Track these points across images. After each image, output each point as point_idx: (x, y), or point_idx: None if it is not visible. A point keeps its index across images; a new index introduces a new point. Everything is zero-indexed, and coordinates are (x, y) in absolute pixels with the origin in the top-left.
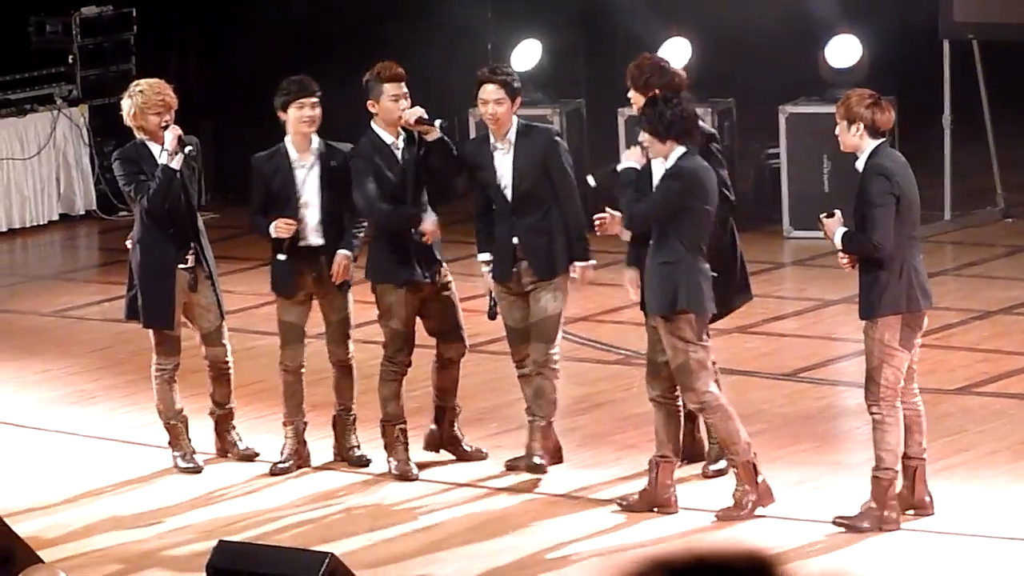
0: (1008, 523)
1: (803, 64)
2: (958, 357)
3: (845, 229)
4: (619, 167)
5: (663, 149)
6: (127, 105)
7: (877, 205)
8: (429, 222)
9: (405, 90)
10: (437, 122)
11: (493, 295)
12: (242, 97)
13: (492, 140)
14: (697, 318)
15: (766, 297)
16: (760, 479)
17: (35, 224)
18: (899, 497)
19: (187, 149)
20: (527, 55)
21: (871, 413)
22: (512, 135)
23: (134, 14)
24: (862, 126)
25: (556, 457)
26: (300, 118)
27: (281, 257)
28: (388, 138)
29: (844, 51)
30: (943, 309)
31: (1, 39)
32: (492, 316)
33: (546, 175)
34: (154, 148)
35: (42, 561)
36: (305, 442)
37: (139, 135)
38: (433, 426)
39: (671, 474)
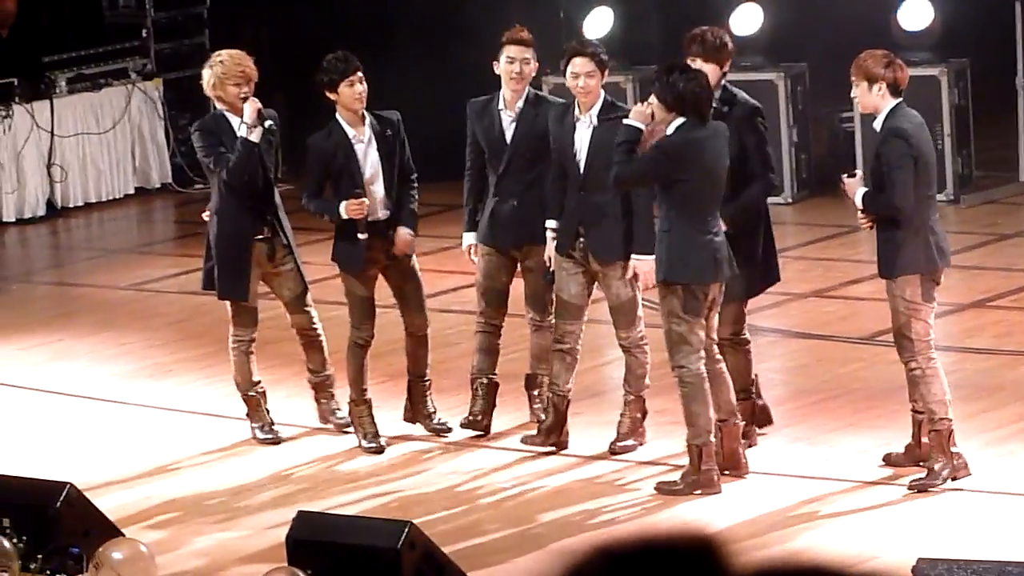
0: None
1: (876, 27)
2: None
3: (865, 189)
4: (624, 121)
5: (666, 117)
6: (207, 75)
7: (896, 167)
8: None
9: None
10: (267, 123)
11: (551, 262)
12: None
13: (576, 112)
14: (683, 290)
15: (843, 261)
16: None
17: (111, 198)
18: (908, 449)
19: (267, 123)
20: (599, 22)
21: (910, 369)
22: (595, 110)
23: None
24: (884, 85)
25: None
26: (352, 95)
27: (362, 236)
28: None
29: (916, 13)
30: (1018, 271)
31: (75, 15)
32: (548, 281)
33: None
34: (233, 120)
35: (123, 535)
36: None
37: (218, 106)
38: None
39: (737, 437)
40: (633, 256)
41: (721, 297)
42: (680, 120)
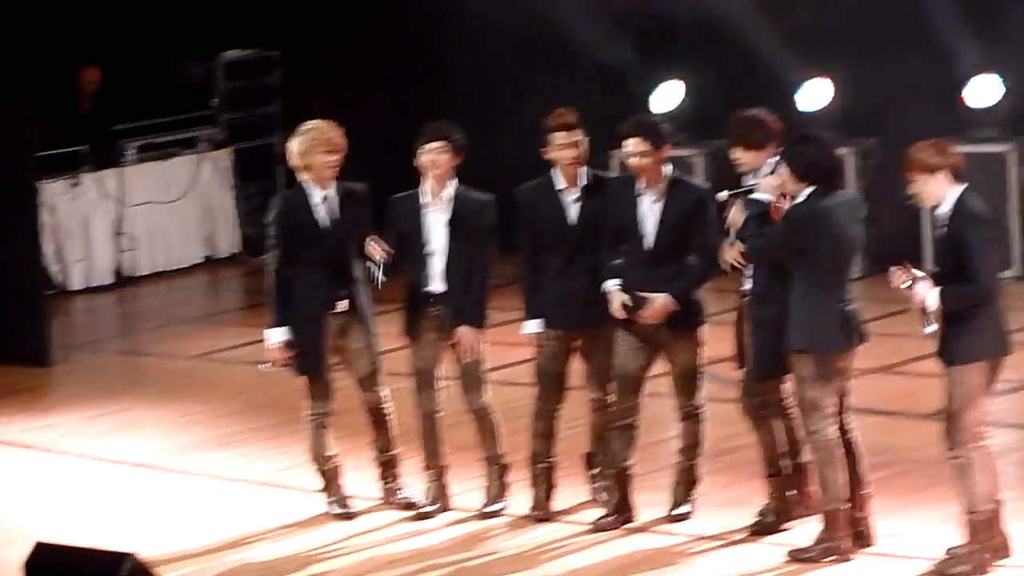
0: None
1: (945, 104)
2: None
3: (937, 288)
4: (752, 196)
5: (797, 187)
6: (295, 144)
7: (981, 252)
8: None
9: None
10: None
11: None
12: (385, 139)
13: (640, 186)
14: (815, 357)
15: (909, 336)
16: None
17: (180, 267)
18: None
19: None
20: (669, 95)
21: (953, 458)
22: (663, 185)
23: (278, 56)
24: (947, 173)
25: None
26: (425, 162)
27: (381, 278)
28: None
29: (984, 90)
30: None
31: (145, 82)
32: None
33: (690, 230)
34: (314, 192)
35: None
36: (446, 485)
37: (302, 176)
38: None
39: (864, 506)
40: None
41: (851, 365)
42: (810, 189)
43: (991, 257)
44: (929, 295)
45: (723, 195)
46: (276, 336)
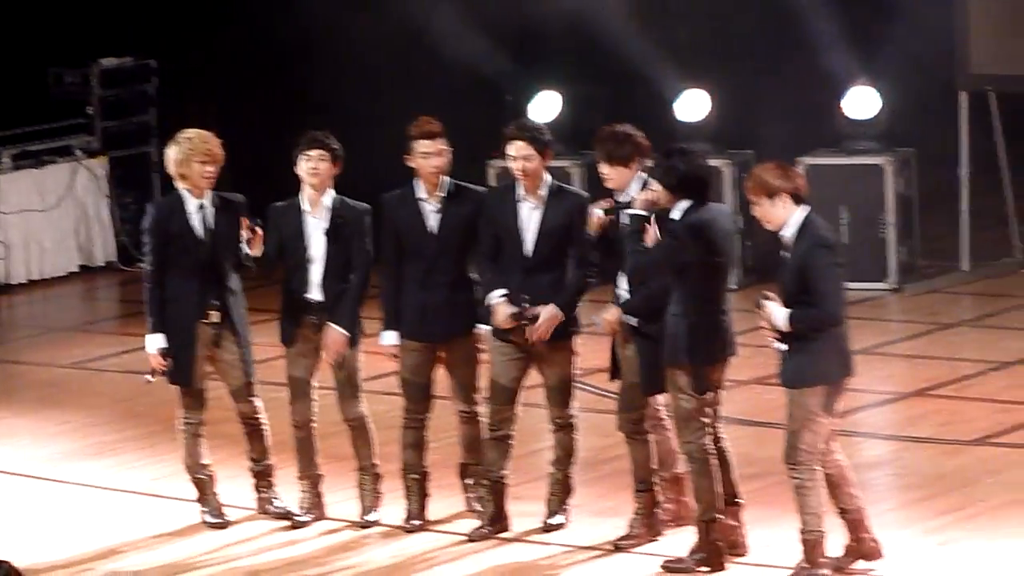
0: (1015, 573)
1: (822, 115)
2: (975, 408)
3: (788, 310)
4: (628, 211)
5: (672, 200)
6: (172, 152)
7: (827, 277)
8: None
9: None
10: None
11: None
12: (260, 149)
13: (521, 192)
14: (692, 369)
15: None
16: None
17: (55, 275)
18: (848, 549)
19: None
20: (546, 106)
21: (791, 477)
22: (544, 192)
23: (154, 65)
24: (787, 197)
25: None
26: (304, 170)
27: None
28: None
29: (862, 102)
30: (960, 360)
31: (19, 90)
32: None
33: (569, 238)
34: (190, 201)
35: None
36: (321, 494)
37: (179, 184)
38: None
39: (738, 518)
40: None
41: (724, 376)
42: (686, 202)
43: (836, 282)
44: (780, 317)
45: (598, 212)
46: (154, 344)
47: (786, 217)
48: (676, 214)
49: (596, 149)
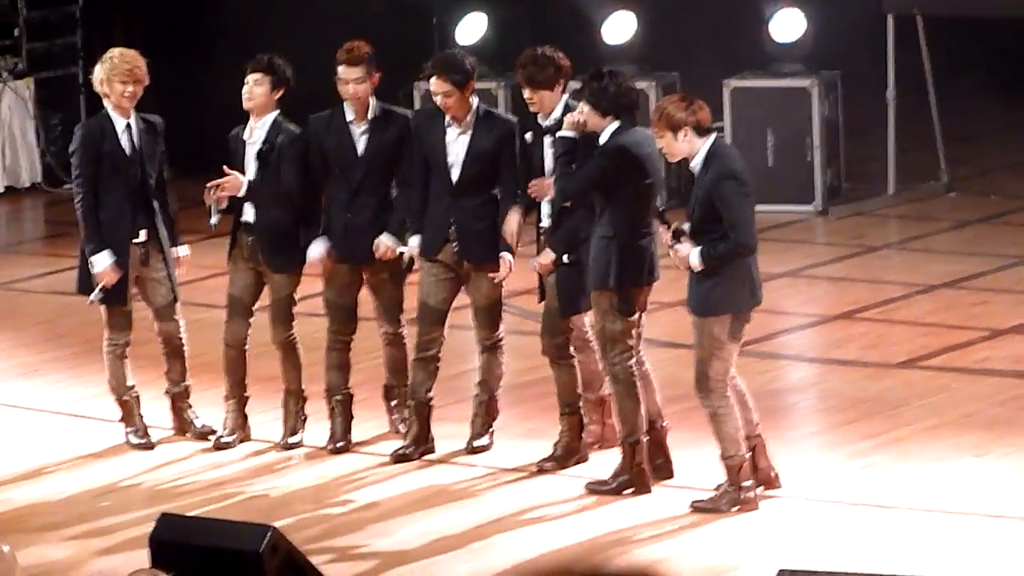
0: (938, 496)
1: (748, 38)
2: (901, 331)
3: (699, 248)
4: (557, 134)
5: (600, 123)
6: (97, 71)
7: (736, 207)
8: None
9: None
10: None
11: (410, 262)
12: (189, 71)
13: (448, 118)
14: (619, 292)
15: None
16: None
17: None
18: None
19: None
20: (472, 28)
21: (704, 405)
22: (471, 118)
23: None
24: (689, 130)
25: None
26: (243, 93)
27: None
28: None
29: (788, 25)
30: (885, 283)
31: None
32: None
33: (496, 163)
34: (118, 121)
35: None
36: (246, 416)
37: (107, 103)
38: None
39: (663, 440)
40: (503, 254)
41: (647, 298)
42: (615, 124)
43: (746, 210)
44: (692, 254)
45: (528, 136)
46: (103, 260)
47: (689, 150)
48: (605, 135)
49: (518, 74)
